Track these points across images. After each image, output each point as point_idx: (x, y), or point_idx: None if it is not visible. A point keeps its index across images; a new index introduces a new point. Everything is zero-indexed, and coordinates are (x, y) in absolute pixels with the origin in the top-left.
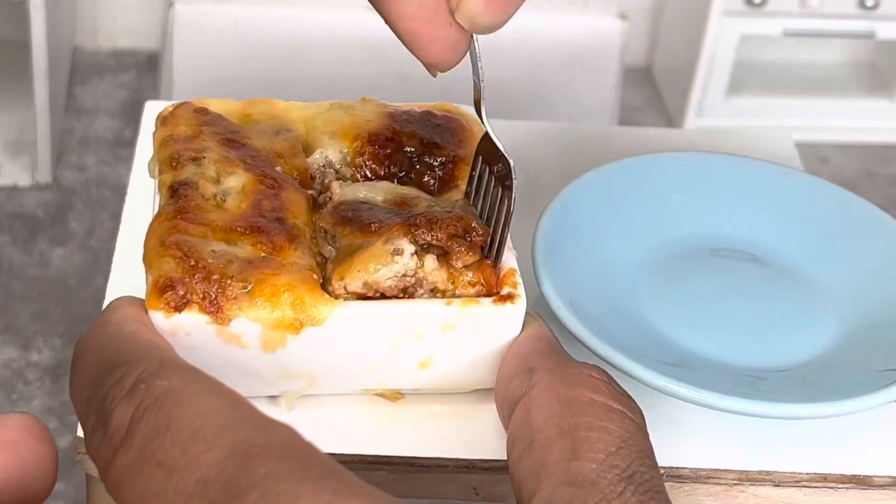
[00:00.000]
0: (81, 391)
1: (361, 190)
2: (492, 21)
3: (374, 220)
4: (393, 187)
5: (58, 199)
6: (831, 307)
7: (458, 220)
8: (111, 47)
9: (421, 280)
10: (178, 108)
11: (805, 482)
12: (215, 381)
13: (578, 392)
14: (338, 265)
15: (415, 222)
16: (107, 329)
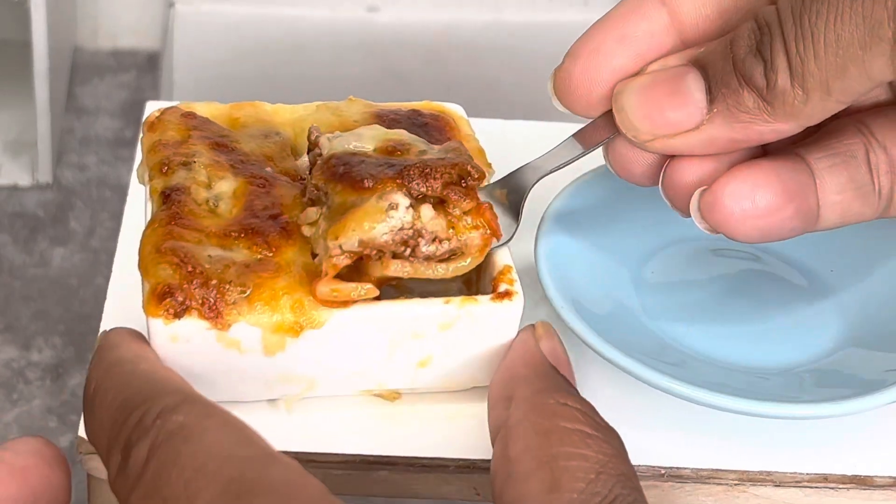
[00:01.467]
0: (102, 431)
1: (351, 140)
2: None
3: (366, 175)
4: (382, 132)
5: (58, 198)
6: (833, 307)
7: (451, 166)
8: (111, 47)
9: (420, 231)
10: (165, 112)
11: (806, 482)
12: (229, 417)
13: (555, 422)
14: (331, 224)
15: (408, 174)
16: (122, 368)
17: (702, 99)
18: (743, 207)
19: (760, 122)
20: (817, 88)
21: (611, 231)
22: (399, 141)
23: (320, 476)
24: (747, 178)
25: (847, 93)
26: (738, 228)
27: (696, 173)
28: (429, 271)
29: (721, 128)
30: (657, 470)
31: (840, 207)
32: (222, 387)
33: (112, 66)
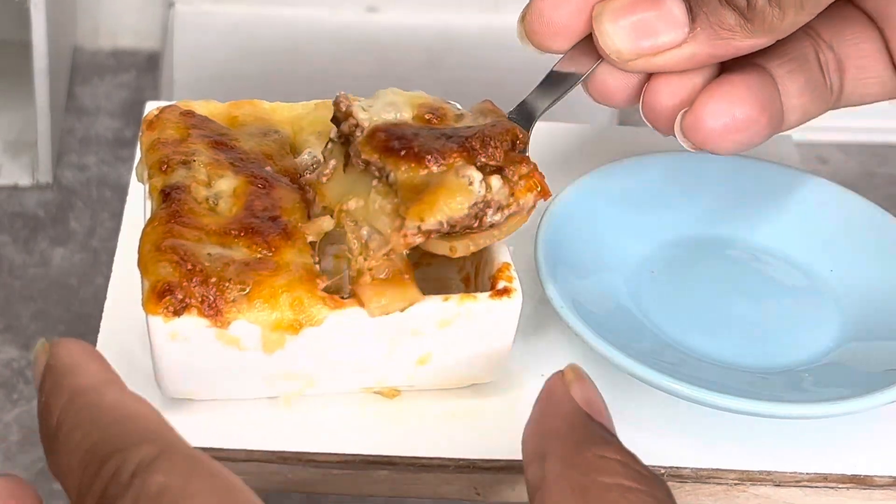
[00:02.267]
0: (70, 474)
1: (388, 110)
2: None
3: (427, 151)
4: (407, 96)
5: (58, 198)
6: (833, 307)
7: (506, 132)
8: (111, 47)
9: (489, 202)
10: (164, 111)
11: (806, 482)
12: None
13: (593, 478)
14: (411, 204)
15: (471, 146)
16: (87, 399)
17: (683, 17)
18: (724, 123)
19: (740, 39)
20: (792, 5)
21: (611, 231)
22: (431, 106)
23: (319, 475)
24: (724, 96)
25: (818, 5)
26: (721, 144)
27: (674, 94)
28: (487, 241)
29: (703, 45)
30: (657, 469)
31: (801, 109)
32: (222, 384)
33: (112, 65)
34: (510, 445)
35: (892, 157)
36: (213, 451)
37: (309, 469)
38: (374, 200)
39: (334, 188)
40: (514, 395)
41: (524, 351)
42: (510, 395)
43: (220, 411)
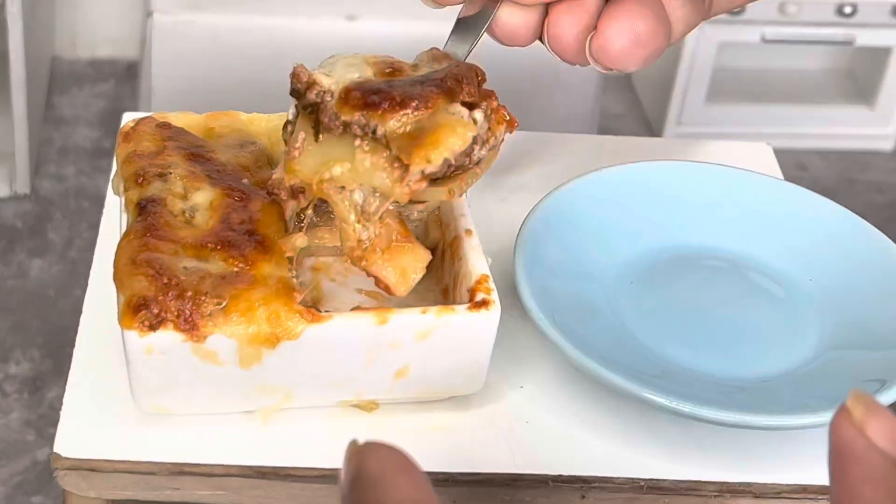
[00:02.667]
0: None
1: (351, 71)
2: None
3: (410, 97)
4: (367, 57)
5: (36, 209)
6: (812, 316)
7: (471, 70)
8: (90, 57)
9: (476, 138)
10: (140, 122)
11: (785, 493)
12: None
13: None
14: (412, 149)
15: (449, 86)
16: None
17: None
18: (629, 40)
19: None
20: None
21: (590, 241)
22: (386, 61)
23: (297, 490)
24: (624, 16)
25: None
26: (629, 60)
27: (575, 23)
28: (473, 179)
29: None
30: (636, 482)
31: (684, 20)
32: (199, 399)
33: (90, 75)
34: (489, 459)
35: (872, 164)
36: (190, 467)
37: (286, 483)
38: (363, 160)
39: (307, 162)
40: (493, 408)
41: (503, 363)
42: (489, 407)
43: (197, 426)
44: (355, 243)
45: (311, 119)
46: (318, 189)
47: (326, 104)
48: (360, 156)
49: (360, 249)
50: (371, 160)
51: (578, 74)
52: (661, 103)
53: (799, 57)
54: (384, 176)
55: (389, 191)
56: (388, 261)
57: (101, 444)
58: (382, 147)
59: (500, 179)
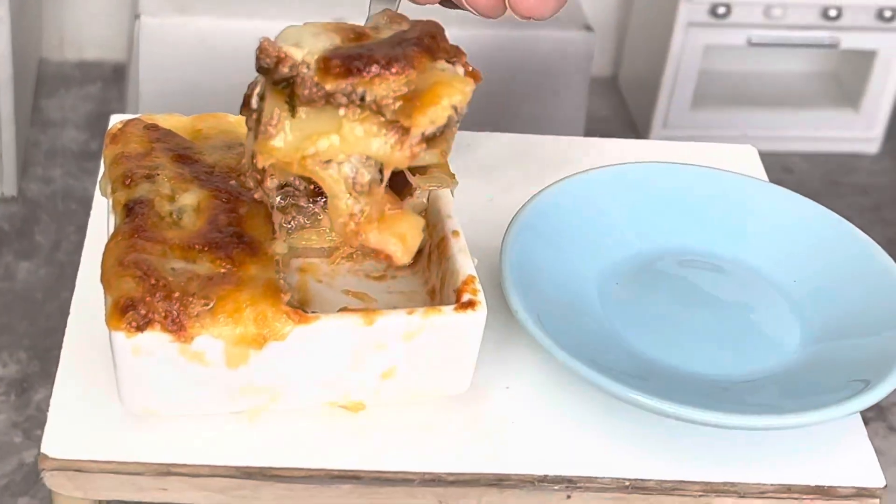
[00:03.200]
0: None
1: (321, 41)
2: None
3: (394, 59)
4: (327, 25)
5: (23, 211)
6: (796, 318)
7: (436, 27)
8: (77, 59)
9: None
10: (128, 124)
11: (770, 493)
12: None
13: None
14: (412, 111)
15: (427, 44)
16: None
17: None
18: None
19: None
20: None
21: (576, 242)
22: (349, 27)
23: (283, 489)
24: None
25: None
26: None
27: None
28: (452, 138)
29: None
30: (622, 482)
31: None
32: (186, 400)
33: (78, 77)
34: (476, 458)
35: (857, 167)
36: (177, 467)
37: (272, 484)
38: (353, 128)
39: (285, 139)
40: (479, 408)
41: (489, 364)
42: (476, 407)
43: (184, 426)
44: (347, 218)
45: (284, 94)
46: (301, 166)
47: (304, 76)
48: (348, 125)
49: (354, 223)
50: (363, 128)
51: (565, 78)
52: (647, 106)
53: (784, 60)
54: (381, 142)
55: (388, 157)
56: (385, 230)
57: (88, 444)
58: (373, 113)
59: (486, 181)
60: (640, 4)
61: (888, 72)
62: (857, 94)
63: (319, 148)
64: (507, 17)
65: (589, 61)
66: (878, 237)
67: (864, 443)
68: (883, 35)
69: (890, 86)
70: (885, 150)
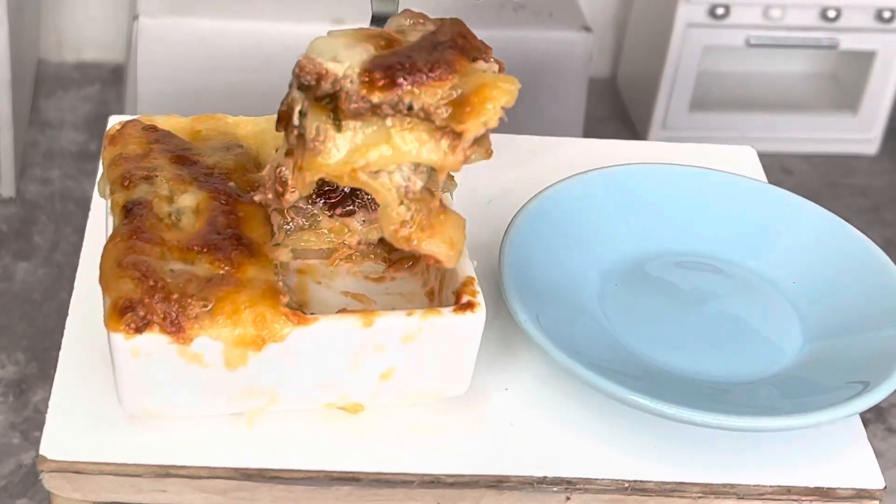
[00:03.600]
0: None
1: (357, 53)
2: None
3: (436, 64)
4: (358, 33)
5: (21, 213)
6: (795, 319)
7: (461, 24)
8: (75, 60)
9: None
10: (126, 125)
11: (769, 495)
12: None
13: None
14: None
15: (461, 45)
16: None
17: None
18: None
19: None
20: None
21: (575, 243)
22: (377, 34)
23: (282, 491)
24: None
25: None
26: None
27: None
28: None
29: None
30: (621, 483)
31: None
32: (184, 401)
33: (76, 78)
34: (475, 460)
35: (856, 168)
36: (176, 469)
37: (272, 486)
38: (403, 138)
39: (333, 154)
40: (478, 410)
41: (488, 365)
42: (475, 409)
43: (183, 428)
44: (399, 225)
45: (327, 109)
46: (352, 178)
47: (349, 91)
48: (397, 135)
49: (405, 231)
50: (413, 136)
51: (564, 79)
52: (646, 107)
53: (783, 61)
54: (432, 148)
55: (442, 162)
56: (434, 235)
57: (86, 446)
58: (420, 120)
59: (485, 182)
60: (639, 5)
61: (887, 73)
62: (855, 96)
63: (370, 159)
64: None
65: (588, 62)
66: (876, 238)
67: (863, 444)
68: (882, 36)
69: (889, 87)
70: (883, 151)
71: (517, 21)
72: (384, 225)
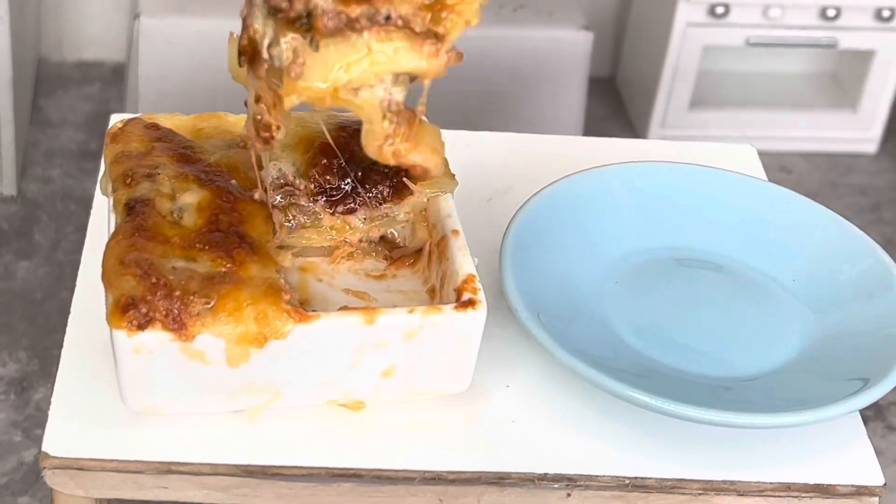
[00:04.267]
0: None
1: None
2: None
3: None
4: None
5: (23, 211)
6: (796, 317)
7: None
8: (76, 59)
9: None
10: (128, 123)
11: (769, 491)
12: None
13: None
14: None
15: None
16: None
17: None
18: None
19: None
20: None
21: (575, 241)
22: None
23: (284, 488)
24: None
25: None
26: None
27: None
28: None
29: None
30: (621, 480)
31: None
32: (186, 398)
33: (77, 77)
34: (476, 457)
35: (855, 167)
36: (178, 465)
37: (273, 482)
38: (382, 49)
39: (315, 73)
40: (479, 407)
41: (489, 362)
42: (476, 406)
43: (185, 425)
44: (383, 140)
45: (301, 31)
46: (334, 98)
47: (322, 7)
48: (377, 46)
49: (391, 145)
50: (393, 46)
51: (564, 78)
52: (646, 106)
53: (783, 60)
54: (414, 56)
55: (426, 68)
56: (416, 145)
57: (89, 443)
58: (399, 29)
59: (486, 180)
60: (639, 4)
61: (886, 72)
62: (855, 94)
63: (353, 75)
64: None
65: (587, 61)
66: (876, 237)
67: (863, 441)
68: (881, 35)
69: (888, 86)
70: (883, 149)
71: (517, 20)
72: (368, 142)
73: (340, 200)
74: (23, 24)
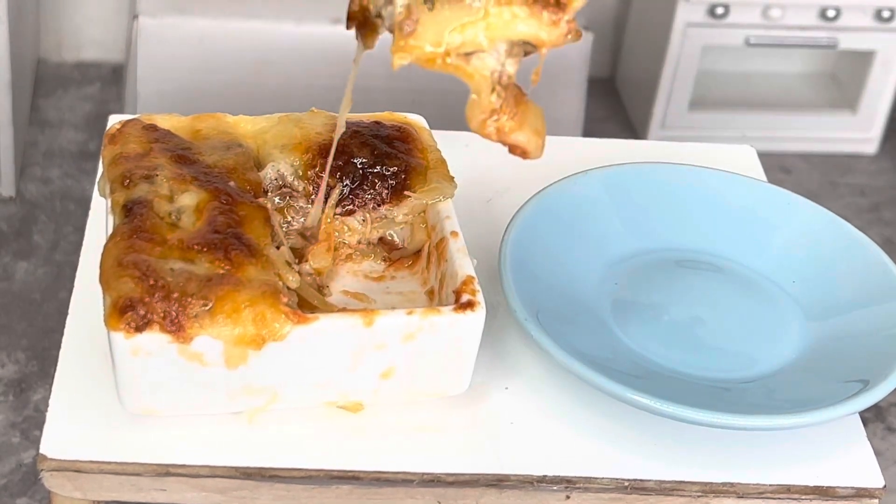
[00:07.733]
0: None
1: None
2: None
3: None
4: None
5: (21, 212)
6: (795, 318)
7: None
8: (75, 59)
9: None
10: (126, 125)
11: (769, 494)
12: None
13: None
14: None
15: None
16: None
17: None
18: None
19: None
20: None
21: (575, 243)
22: None
23: (282, 490)
24: None
25: None
26: None
27: None
28: None
29: None
30: (621, 482)
31: None
32: (185, 400)
33: (76, 78)
34: (475, 459)
35: (855, 167)
36: (176, 468)
37: (272, 484)
38: (499, 13)
39: (427, 32)
40: (478, 409)
41: (488, 364)
42: (475, 408)
43: (183, 427)
44: (488, 114)
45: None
46: (443, 62)
47: None
48: (494, 10)
49: (494, 121)
50: (511, 11)
51: (563, 79)
52: (645, 107)
53: (782, 60)
54: (533, 24)
55: (543, 39)
56: (521, 124)
57: (87, 445)
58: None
59: (485, 181)
60: (639, 5)
61: (886, 72)
62: (855, 95)
63: (466, 38)
64: None
65: (587, 62)
66: (876, 237)
67: (863, 443)
68: (881, 35)
69: (888, 86)
70: (883, 150)
71: None
72: (473, 115)
73: (339, 202)
74: (22, 24)
